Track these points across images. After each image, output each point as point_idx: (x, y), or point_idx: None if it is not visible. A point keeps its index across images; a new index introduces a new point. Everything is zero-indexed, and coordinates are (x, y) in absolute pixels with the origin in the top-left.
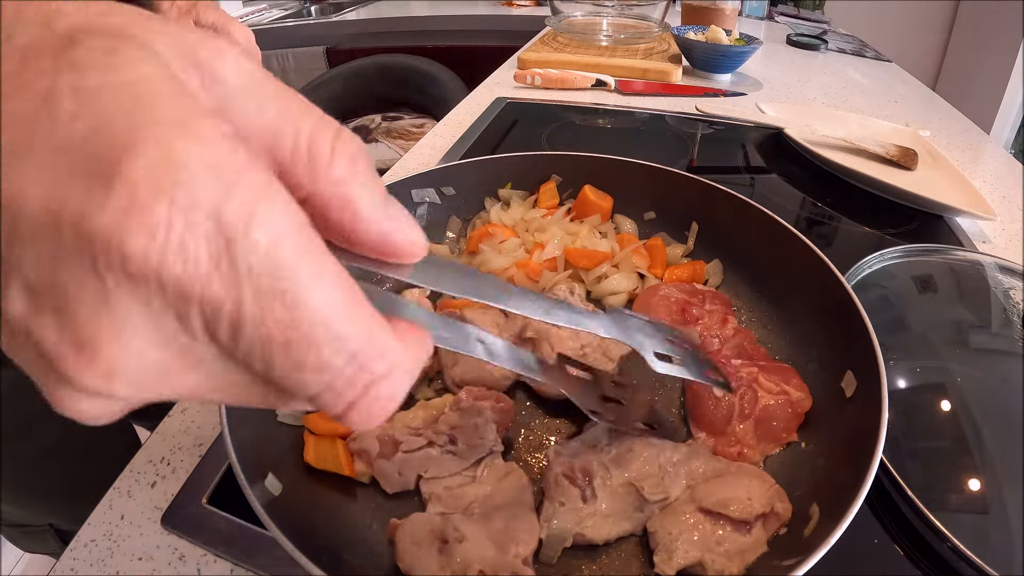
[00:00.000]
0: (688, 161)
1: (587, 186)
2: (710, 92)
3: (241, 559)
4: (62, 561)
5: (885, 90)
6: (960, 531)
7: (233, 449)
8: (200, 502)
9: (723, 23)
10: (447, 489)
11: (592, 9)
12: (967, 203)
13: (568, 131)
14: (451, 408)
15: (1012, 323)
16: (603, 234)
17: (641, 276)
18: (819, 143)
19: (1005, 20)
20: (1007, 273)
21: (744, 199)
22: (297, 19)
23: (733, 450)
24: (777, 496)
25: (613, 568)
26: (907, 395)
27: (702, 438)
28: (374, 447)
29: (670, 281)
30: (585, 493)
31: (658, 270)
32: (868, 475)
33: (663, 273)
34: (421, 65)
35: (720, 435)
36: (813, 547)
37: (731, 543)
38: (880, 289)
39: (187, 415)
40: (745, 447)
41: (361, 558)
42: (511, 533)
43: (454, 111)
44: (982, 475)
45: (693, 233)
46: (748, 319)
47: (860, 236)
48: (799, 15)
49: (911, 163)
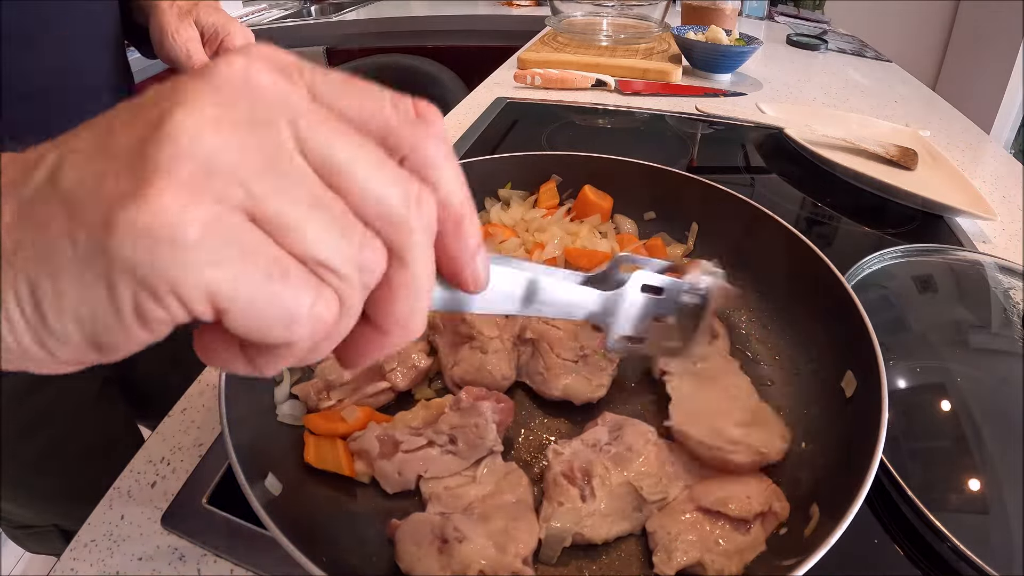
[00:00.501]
0: (688, 161)
1: (587, 186)
2: (710, 92)
3: (241, 559)
4: (62, 561)
5: (885, 90)
6: (960, 531)
7: (233, 449)
8: (200, 502)
9: (723, 23)
10: (447, 489)
11: (592, 9)
12: (967, 203)
13: (568, 131)
14: (451, 408)
15: (1012, 323)
16: (603, 234)
17: None
18: (819, 143)
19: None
20: (1007, 273)
21: (744, 199)
22: (297, 19)
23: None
24: (775, 495)
25: (613, 568)
26: (907, 395)
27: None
28: (374, 447)
29: None
30: (584, 493)
31: None
32: (868, 475)
33: None
34: (421, 65)
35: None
36: (813, 547)
37: (730, 542)
38: (880, 289)
39: (187, 415)
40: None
41: (361, 558)
42: (511, 533)
43: (454, 111)
44: (982, 475)
45: (693, 233)
46: (748, 319)
47: (860, 236)
48: (799, 15)
49: (911, 163)
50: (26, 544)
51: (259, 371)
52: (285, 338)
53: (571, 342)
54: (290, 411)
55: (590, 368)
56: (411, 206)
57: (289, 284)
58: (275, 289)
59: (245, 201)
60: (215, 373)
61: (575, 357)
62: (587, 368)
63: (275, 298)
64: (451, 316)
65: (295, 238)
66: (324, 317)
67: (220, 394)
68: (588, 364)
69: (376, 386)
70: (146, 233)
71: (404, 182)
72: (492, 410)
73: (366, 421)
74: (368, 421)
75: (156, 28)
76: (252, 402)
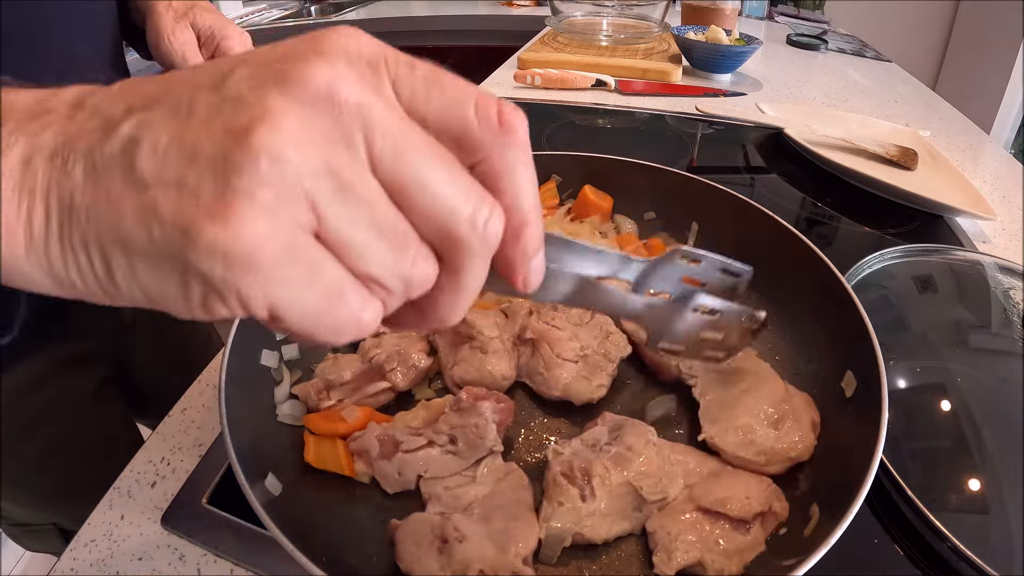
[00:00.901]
0: (688, 161)
1: (587, 186)
2: (710, 92)
3: (241, 559)
4: (62, 561)
5: (885, 90)
6: (960, 531)
7: (233, 449)
8: (200, 502)
9: (723, 23)
10: (447, 489)
11: (592, 9)
12: (967, 203)
13: (568, 131)
14: (451, 408)
15: (1012, 323)
16: (603, 234)
17: None
18: (819, 143)
19: (1005, 20)
20: (1007, 273)
21: (744, 199)
22: (297, 19)
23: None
24: (775, 495)
25: (613, 568)
26: (907, 395)
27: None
28: (374, 447)
29: None
30: (584, 493)
31: None
32: (868, 475)
33: None
34: None
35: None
36: (813, 547)
37: (730, 542)
38: (880, 289)
39: (187, 415)
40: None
41: (361, 558)
42: (511, 533)
43: None
44: (982, 475)
45: (693, 233)
46: None
47: (860, 236)
48: (799, 15)
49: (911, 163)
50: (24, 542)
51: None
52: (329, 341)
53: (571, 342)
54: (290, 411)
55: (590, 368)
56: (476, 227)
57: (343, 303)
58: (330, 308)
59: (315, 223)
60: (215, 373)
61: (575, 357)
62: (587, 368)
63: (328, 315)
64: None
65: (355, 258)
66: (368, 326)
67: (220, 394)
68: (588, 364)
69: (376, 386)
70: (224, 254)
71: (474, 200)
72: (492, 410)
73: (366, 421)
74: (368, 421)
75: (152, 30)
76: (252, 402)
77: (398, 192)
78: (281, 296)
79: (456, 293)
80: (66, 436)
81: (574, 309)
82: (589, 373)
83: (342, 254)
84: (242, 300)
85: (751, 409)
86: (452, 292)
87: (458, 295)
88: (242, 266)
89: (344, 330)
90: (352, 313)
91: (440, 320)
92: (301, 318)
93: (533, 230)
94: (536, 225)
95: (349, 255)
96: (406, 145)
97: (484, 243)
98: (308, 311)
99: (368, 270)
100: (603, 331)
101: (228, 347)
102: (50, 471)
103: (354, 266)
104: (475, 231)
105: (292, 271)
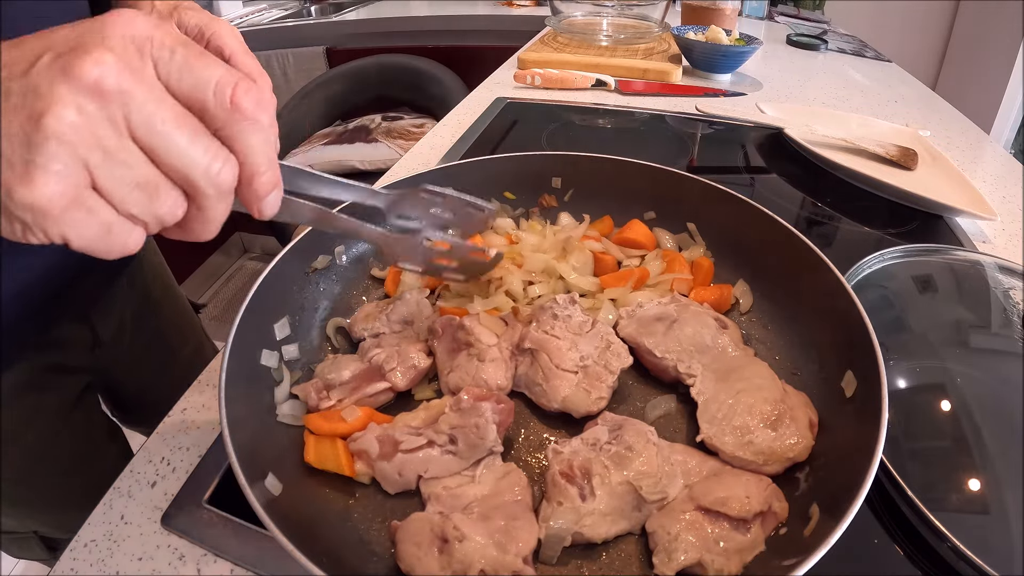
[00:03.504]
0: (688, 161)
1: (635, 221)
2: (710, 92)
3: (241, 559)
4: (62, 561)
5: (885, 90)
6: (960, 531)
7: (233, 449)
8: (200, 502)
9: (723, 23)
10: (447, 489)
11: (592, 9)
12: (967, 203)
13: (568, 131)
14: (451, 408)
15: (1012, 323)
16: None
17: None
18: (819, 143)
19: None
20: (1007, 273)
21: (744, 199)
22: (297, 19)
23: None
24: (775, 495)
25: (613, 568)
26: (907, 395)
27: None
28: (374, 447)
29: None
30: (584, 492)
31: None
32: (868, 475)
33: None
34: (421, 65)
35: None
36: (813, 547)
37: (729, 542)
38: (880, 289)
39: (187, 415)
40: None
41: (361, 558)
42: (511, 533)
43: (454, 111)
44: (982, 475)
45: (693, 233)
46: (748, 319)
47: (860, 236)
48: (799, 15)
49: (911, 163)
50: (10, 549)
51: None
52: (107, 257)
53: (571, 352)
54: (290, 411)
55: (590, 379)
56: (209, 176)
57: (112, 234)
58: (103, 237)
59: (91, 180)
60: (215, 373)
61: (575, 367)
62: (587, 380)
63: (102, 241)
64: (449, 322)
65: (119, 203)
66: (132, 247)
67: (220, 394)
68: (588, 375)
69: (376, 386)
70: (31, 207)
71: (210, 156)
72: (492, 410)
73: (366, 421)
74: (368, 421)
75: None
76: (252, 402)
77: (152, 152)
78: (69, 231)
79: (204, 222)
80: (46, 446)
81: (575, 318)
82: (589, 385)
83: (111, 201)
84: (45, 233)
85: (748, 409)
86: (200, 221)
87: (206, 224)
88: (42, 214)
89: (115, 251)
90: (119, 240)
91: (196, 236)
92: (85, 244)
93: (263, 178)
94: (266, 174)
95: (115, 201)
96: (155, 118)
97: (216, 187)
98: (88, 239)
99: (129, 211)
100: (604, 340)
101: (228, 347)
102: (31, 480)
103: (119, 208)
104: (208, 178)
105: (75, 215)
